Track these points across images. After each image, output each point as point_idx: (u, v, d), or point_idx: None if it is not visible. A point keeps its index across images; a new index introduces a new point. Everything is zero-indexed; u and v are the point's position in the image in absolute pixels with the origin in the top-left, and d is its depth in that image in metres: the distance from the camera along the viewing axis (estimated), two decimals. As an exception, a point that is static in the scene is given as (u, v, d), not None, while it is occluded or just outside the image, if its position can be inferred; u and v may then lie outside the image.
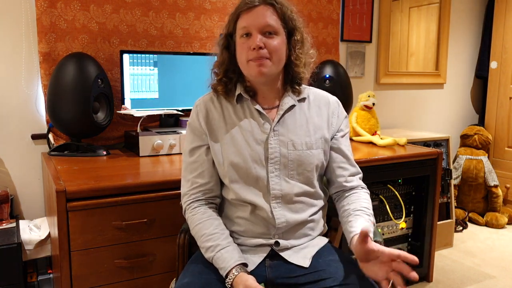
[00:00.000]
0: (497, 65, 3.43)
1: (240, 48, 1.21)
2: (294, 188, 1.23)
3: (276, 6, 1.19)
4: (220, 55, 1.27)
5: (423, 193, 2.29)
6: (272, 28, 1.18)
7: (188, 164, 1.27)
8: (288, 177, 1.23)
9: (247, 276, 1.10)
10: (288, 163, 1.23)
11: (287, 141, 1.23)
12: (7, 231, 1.77)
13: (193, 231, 1.23)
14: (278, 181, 1.22)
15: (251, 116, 1.25)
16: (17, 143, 2.01)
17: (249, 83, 1.27)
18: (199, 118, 1.26)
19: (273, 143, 1.23)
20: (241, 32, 1.19)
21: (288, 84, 1.28)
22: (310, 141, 1.25)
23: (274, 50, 1.18)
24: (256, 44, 1.16)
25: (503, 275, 2.48)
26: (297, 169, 1.23)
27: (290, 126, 1.25)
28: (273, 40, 1.18)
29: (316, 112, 1.30)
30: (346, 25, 2.85)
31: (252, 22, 1.17)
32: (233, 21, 1.22)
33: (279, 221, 1.21)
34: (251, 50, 1.17)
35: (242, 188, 1.22)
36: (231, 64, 1.25)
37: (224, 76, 1.26)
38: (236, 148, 1.22)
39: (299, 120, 1.27)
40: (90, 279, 1.46)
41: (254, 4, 1.18)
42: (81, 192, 1.40)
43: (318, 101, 1.32)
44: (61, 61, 1.87)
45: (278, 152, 1.22)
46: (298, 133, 1.25)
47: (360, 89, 2.91)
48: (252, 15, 1.17)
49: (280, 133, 1.24)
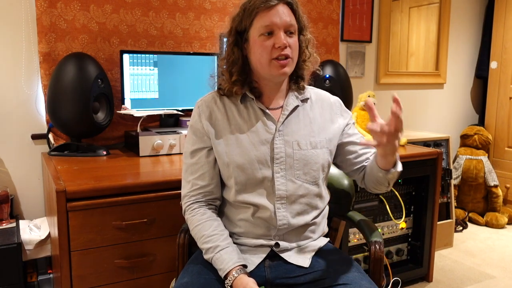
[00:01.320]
0: (497, 65, 3.43)
1: (261, 46, 1.17)
2: (300, 188, 1.23)
3: (293, 5, 1.19)
4: (231, 53, 1.22)
5: (423, 193, 2.29)
6: (293, 27, 1.19)
7: (188, 166, 1.26)
8: (294, 177, 1.22)
9: (247, 279, 1.09)
10: (294, 163, 1.22)
11: (292, 141, 1.23)
12: (7, 231, 1.77)
13: (193, 232, 1.23)
14: (284, 182, 1.21)
15: (255, 117, 1.24)
16: (17, 143, 2.01)
17: (257, 83, 1.25)
18: (202, 119, 1.25)
19: (278, 143, 1.22)
20: (263, 31, 1.16)
21: (293, 83, 1.28)
22: (314, 140, 1.25)
23: (294, 49, 1.20)
24: (283, 43, 1.15)
25: (503, 275, 2.48)
26: (303, 169, 1.23)
27: (294, 126, 1.25)
28: (292, 39, 1.19)
29: (319, 112, 1.30)
30: (346, 25, 2.85)
31: (276, 20, 1.15)
32: (248, 18, 1.18)
33: (280, 223, 1.21)
34: (275, 48, 1.16)
35: (247, 189, 1.21)
36: (243, 63, 1.23)
37: (239, 76, 1.22)
38: (241, 149, 1.21)
39: (303, 120, 1.27)
40: (90, 279, 1.46)
41: (273, 2, 1.16)
42: (81, 192, 1.40)
43: (321, 102, 1.32)
44: (61, 61, 1.87)
45: (283, 152, 1.22)
46: (303, 133, 1.25)
47: (360, 89, 2.91)
48: (274, 13, 1.16)
49: (285, 133, 1.23)
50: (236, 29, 1.21)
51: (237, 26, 1.21)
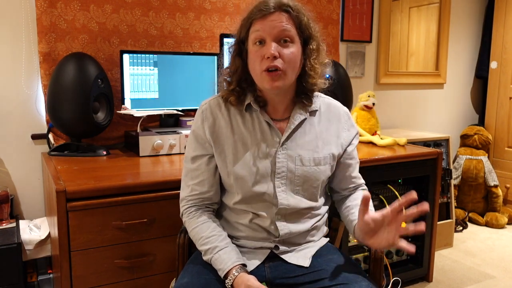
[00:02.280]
0: (497, 65, 3.43)
1: (253, 56, 1.15)
2: (301, 203, 1.22)
3: (292, 13, 1.13)
4: (233, 62, 1.21)
5: (423, 193, 2.29)
6: (287, 36, 1.12)
7: (189, 171, 1.25)
8: (294, 192, 1.21)
9: (248, 276, 1.09)
10: (295, 179, 1.21)
11: (295, 156, 1.21)
12: (7, 231, 1.77)
13: (191, 235, 1.23)
14: (285, 196, 1.20)
15: (260, 128, 1.21)
16: (17, 143, 2.01)
17: (260, 92, 1.22)
18: (204, 126, 1.22)
19: (281, 158, 1.20)
20: (255, 39, 1.13)
21: (300, 95, 1.23)
22: (318, 157, 1.22)
23: (289, 59, 1.13)
24: (271, 53, 1.09)
25: (503, 275, 2.48)
26: (302, 185, 1.22)
27: (299, 141, 1.22)
28: (288, 48, 1.13)
29: (326, 126, 1.26)
30: (346, 25, 2.85)
31: (266, 29, 1.11)
32: (245, 27, 1.16)
33: (282, 232, 1.21)
34: (265, 59, 1.11)
35: (247, 200, 1.21)
36: (243, 73, 1.20)
37: (238, 85, 1.20)
38: (243, 161, 1.19)
39: (309, 135, 1.23)
40: (90, 279, 1.46)
41: (269, 10, 1.11)
42: (81, 192, 1.40)
43: (328, 113, 1.28)
44: (61, 61, 1.86)
45: (285, 167, 1.20)
46: (307, 148, 1.22)
47: (360, 89, 2.91)
48: (267, 21, 1.11)
49: (288, 147, 1.21)
50: (238, 38, 1.20)
51: (239, 35, 1.19)
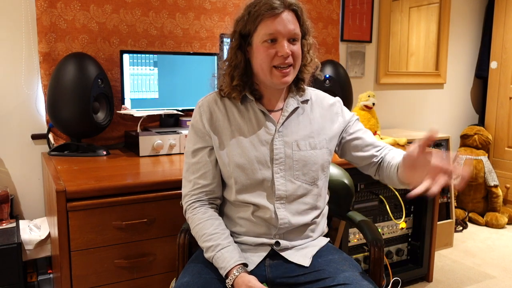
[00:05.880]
0: (497, 65, 3.43)
1: (263, 53, 1.17)
2: (299, 189, 1.23)
3: (298, 11, 1.19)
4: (234, 57, 1.21)
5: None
6: (297, 35, 1.18)
7: (190, 165, 1.27)
8: (294, 178, 1.23)
9: (249, 277, 1.10)
10: (293, 164, 1.23)
11: (291, 141, 1.24)
12: (7, 231, 1.77)
13: (194, 231, 1.23)
14: (283, 182, 1.22)
15: (255, 118, 1.25)
16: (17, 143, 2.01)
17: (258, 86, 1.26)
18: (203, 119, 1.25)
19: (278, 144, 1.23)
20: (267, 38, 1.16)
21: (293, 85, 1.28)
22: (314, 141, 1.26)
23: (297, 56, 1.20)
24: (286, 52, 1.15)
25: (503, 275, 2.48)
26: (302, 169, 1.24)
27: (294, 127, 1.26)
28: (296, 46, 1.19)
29: (319, 112, 1.30)
30: (346, 25, 2.85)
31: (280, 29, 1.15)
32: (253, 23, 1.17)
33: (282, 222, 1.21)
34: (277, 57, 1.16)
35: (246, 189, 1.22)
36: (245, 67, 1.22)
37: (240, 80, 1.22)
38: (241, 150, 1.22)
39: (303, 121, 1.27)
40: (90, 279, 1.46)
41: (279, 10, 1.15)
42: (81, 192, 1.40)
43: (321, 102, 1.33)
44: (61, 61, 1.86)
45: (283, 153, 1.23)
46: (302, 134, 1.25)
47: (360, 89, 2.91)
48: (279, 21, 1.15)
49: (284, 134, 1.24)
50: (240, 32, 1.20)
51: (241, 29, 1.20)
